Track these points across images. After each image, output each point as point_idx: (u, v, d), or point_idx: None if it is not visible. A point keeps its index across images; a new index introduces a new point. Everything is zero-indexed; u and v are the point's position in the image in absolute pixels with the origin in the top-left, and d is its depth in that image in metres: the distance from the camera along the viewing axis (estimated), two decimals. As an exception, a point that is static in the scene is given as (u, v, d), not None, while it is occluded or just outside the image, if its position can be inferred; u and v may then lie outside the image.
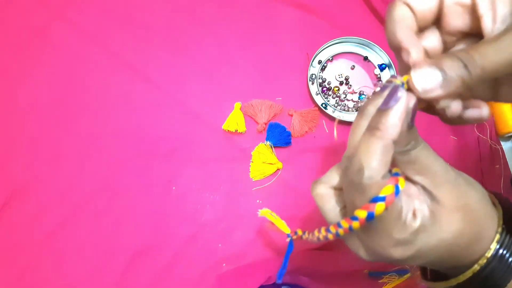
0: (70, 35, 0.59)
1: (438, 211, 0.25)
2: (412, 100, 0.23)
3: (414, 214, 0.24)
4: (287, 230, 0.40)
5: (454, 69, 0.22)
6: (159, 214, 0.53)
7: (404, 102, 0.22)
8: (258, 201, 0.54)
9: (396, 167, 0.25)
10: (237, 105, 0.56)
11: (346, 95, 0.58)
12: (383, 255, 0.25)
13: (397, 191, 0.22)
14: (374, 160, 0.22)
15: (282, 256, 0.50)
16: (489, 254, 0.25)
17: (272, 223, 0.42)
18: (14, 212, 0.52)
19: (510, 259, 0.25)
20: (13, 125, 0.55)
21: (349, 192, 0.24)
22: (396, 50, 0.27)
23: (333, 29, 0.60)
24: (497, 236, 0.25)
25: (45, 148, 0.54)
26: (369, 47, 0.59)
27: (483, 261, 0.25)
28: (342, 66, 0.59)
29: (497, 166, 0.56)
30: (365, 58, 0.59)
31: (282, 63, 0.59)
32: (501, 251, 0.25)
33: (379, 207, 0.21)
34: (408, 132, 0.23)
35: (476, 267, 0.26)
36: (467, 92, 0.26)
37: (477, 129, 0.56)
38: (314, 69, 0.58)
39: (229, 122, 0.55)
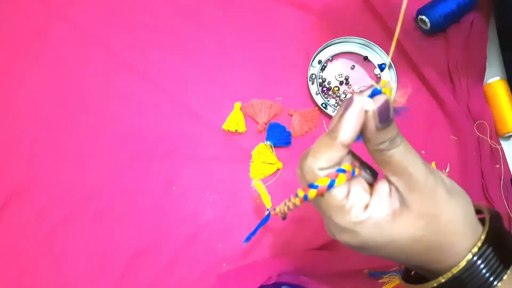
0: (70, 35, 0.59)
1: (401, 212, 0.25)
2: (369, 104, 0.23)
3: (366, 207, 0.25)
4: (268, 205, 0.46)
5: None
6: (159, 214, 0.53)
7: (355, 108, 0.23)
8: (258, 201, 0.54)
9: (354, 166, 0.26)
10: (237, 105, 0.56)
11: (346, 95, 0.58)
12: (335, 237, 0.27)
13: (330, 184, 0.25)
14: (316, 152, 0.25)
15: (282, 256, 0.50)
16: (461, 265, 0.25)
17: (259, 195, 0.46)
18: (14, 212, 0.52)
19: (486, 272, 0.25)
20: (13, 125, 0.55)
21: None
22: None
23: (333, 29, 0.60)
24: (475, 248, 0.25)
25: (45, 148, 0.54)
26: (369, 47, 0.59)
27: (455, 270, 0.25)
28: (342, 66, 0.59)
29: (497, 166, 0.56)
30: (365, 58, 0.59)
31: (282, 63, 0.59)
32: (478, 262, 0.25)
33: (311, 193, 0.25)
34: (380, 132, 0.24)
35: (442, 278, 0.26)
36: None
37: (477, 129, 0.56)
38: (314, 69, 0.58)
39: (229, 122, 0.55)
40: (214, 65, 0.59)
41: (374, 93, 0.24)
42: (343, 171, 0.25)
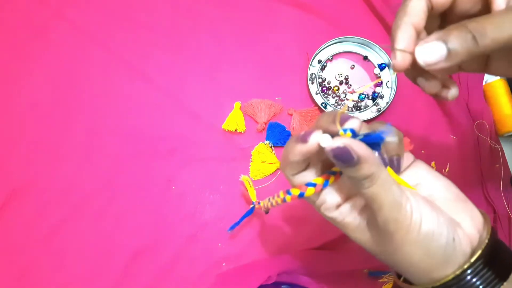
0: (70, 35, 0.59)
1: (364, 229, 0.27)
2: (324, 142, 0.23)
3: (338, 206, 0.27)
4: (254, 199, 0.48)
5: (462, 42, 0.22)
6: (159, 213, 0.53)
7: (304, 148, 0.24)
8: (257, 200, 0.54)
9: (326, 178, 0.27)
10: (237, 104, 0.56)
11: (345, 95, 0.58)
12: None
13: (301, 194, 0.27)
14: (282, 162, 0.27)
15: (282, 255, 0.50)
16: (450, 278, 0.25)
17: (246, 190, 0.49)
18: (14, 212, 0.52)
19: (478, 283, 0.25)
20: (13, 125, 0.55)
21: None
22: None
23: (332, 29, 0.60)
24: (467, 264, 0.25)
25: (45, 148, 0.54)
26: (369, 47, 0.59)
27: (442, 281, 0.25)
28: (341, 65, 0.59)
29: (497, 165, 0.56)
30: (365, 58, 0.59)
31: (281, 63, 0.59)
32: (468, 277, 0.25)
33: (309, 190, 0.26)
34: (344, 169, 0.23)
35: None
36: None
37: (477, 129, 0.56)
38: (314, 68, 0.58)
39: (229, 122, 0.55)
40: (213, 64, 0.59)
41: (375, 137, 0.23)
42: (313, 185, 0.26)
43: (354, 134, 0.23)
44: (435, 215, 0.25)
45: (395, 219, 0.24)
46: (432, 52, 0.23)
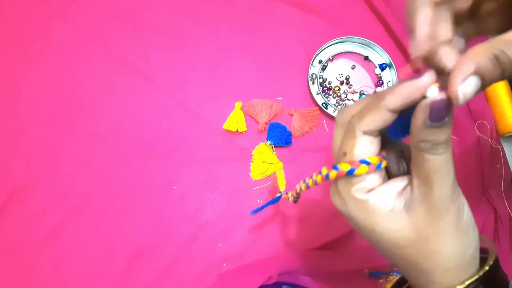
0: (70, 35, 0.59)
1: (399, 213, 0.25)
2: (432, 92, 0.21)
3: (369, 191, 0.25)
4: (282, 188, 0.47)
5: (492, 71, 0.20)
6: (160, 213, 0.53)
7: (417, 84, 0.22)
8: (258, 200, 0.54)
9: (381, 159, 0.25)
10: (238, 104, 0.56)
11: (346, 95, 0.58)
12: (331, 194, 0.27)
13: (379, 166, 0.24)
14: (361, 111, 0.24)
15: (283, 255, 0.50)
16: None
17: (276, 178, 0.47)
18: (14, 212, 0.52)
19: None
20: (13, 125, 0.55)
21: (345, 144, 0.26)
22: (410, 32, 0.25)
23: (333, 29, 0.60)
24: (466, 283, 0.24)
25: (45, 148, 0.54)
26: (369, 47, 0.59)
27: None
28: (342, 65, 0.59)
29: (498, 165, 0.56)
30: (366, 58, 0.59)
31: (282, 63, 0.59)
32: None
33: (362, 168, 0.24)
34: (426, 130, 0.22)
35: None
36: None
37: (477, 129, 0.56)
38: (315, 68, 0.58)
39: (230, 122, 0.55)
40: (214, 65, 0.58)
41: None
42: (367, 162, 0.24)
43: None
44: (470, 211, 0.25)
45: (451, 195, 0.23)
46: (469, 88, 0.21)
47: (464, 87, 0.20)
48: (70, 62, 0.58)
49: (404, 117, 0.23)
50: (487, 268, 0.25)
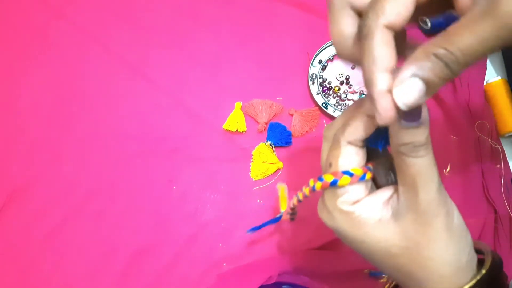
0: (70, 35, 0.59)
1: (387, 222, 0.24)
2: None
3: (355, 202, 0.25)
4: (283, 208, 0.47)
5: (436, 72, 0.19)
6: (160, 213, 0.53)
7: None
8: (258, 200, 0.54)
9: (365, 171, 0.25)
10: (238, 104, 0.56)
11: (346, 95, 0.58)
12: (319, 210, 0.28)
13: (362, 177, 0.25)
14: (346, 123, 0.25)
15: (283, 255, 0.50)
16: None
17: (278, 197, 0.47)
18: (14, 212, 0.52)
19: None
20: (13, 125, 0.55)
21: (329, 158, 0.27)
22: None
23: (333, 29, 0.60)
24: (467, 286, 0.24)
25: (45, 148, 0.54)
26: (369, 47, 0.59)
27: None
28: (342, 65, 0.59)
29: (498, 165, 0.56)
30: (366, 58, 0.59)
31: (282, 63, 0.59)
32: None
33: (345, 179, 0.25)
34: (403, 131, 0.22)
35: None
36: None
37: (477, 129, 0.56)
38: (315, 68, 0.58)
39: (230, 122, 0.55)
40: (214, 64, 0.58)
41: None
42: (350, 174, 0.25)
43: None
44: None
45: (438, 199, 0.23)
46: (410, 92, 0.20)
47: (403, 89, 0.20)
48: (70, 62, 0.58)
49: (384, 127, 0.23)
50: (484, 271, 0.24)
